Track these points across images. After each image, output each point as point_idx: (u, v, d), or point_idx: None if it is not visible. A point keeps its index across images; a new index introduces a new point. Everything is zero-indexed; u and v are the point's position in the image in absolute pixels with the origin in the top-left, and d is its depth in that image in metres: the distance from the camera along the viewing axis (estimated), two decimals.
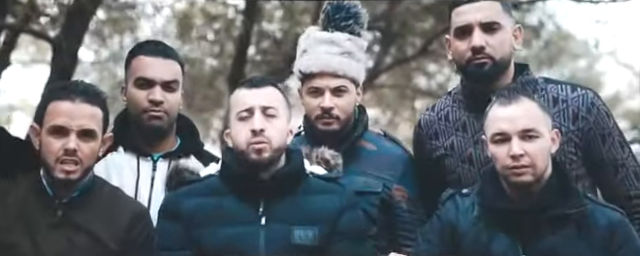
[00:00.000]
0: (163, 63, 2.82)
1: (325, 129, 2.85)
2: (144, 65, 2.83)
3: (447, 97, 3.02)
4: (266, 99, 2.51)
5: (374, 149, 2.92)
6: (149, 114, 2.81)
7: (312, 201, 2.51)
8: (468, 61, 2.76)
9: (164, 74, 2.81)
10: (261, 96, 2.51)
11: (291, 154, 2.57)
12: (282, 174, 2.49)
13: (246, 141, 2.46)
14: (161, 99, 2.80)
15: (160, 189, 2.76)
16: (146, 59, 2.83)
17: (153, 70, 2.81)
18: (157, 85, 2.81)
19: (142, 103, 2.81)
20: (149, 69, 2.82)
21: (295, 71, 2.95)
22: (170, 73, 2.83)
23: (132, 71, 2.86)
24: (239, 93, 2.56)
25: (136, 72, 2.84)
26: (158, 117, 2.81)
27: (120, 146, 2.84)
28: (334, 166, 2.70)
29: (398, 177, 2.89)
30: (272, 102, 2.52)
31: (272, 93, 2.55)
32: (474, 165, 2.85)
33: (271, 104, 2.51)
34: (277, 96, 2.56)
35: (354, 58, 2.92)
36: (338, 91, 2.87)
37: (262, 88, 2.54)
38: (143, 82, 2.82)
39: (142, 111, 2.82)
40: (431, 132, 2.96)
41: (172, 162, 2.78)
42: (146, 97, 2.81)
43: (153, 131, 2.84)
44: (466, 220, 2.62)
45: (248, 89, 2.54)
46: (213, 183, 2.54)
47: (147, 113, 2.81)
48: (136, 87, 2.84)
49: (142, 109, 2.81)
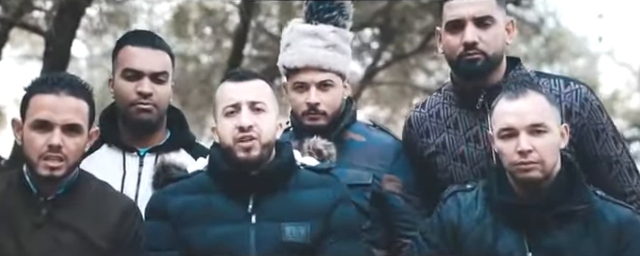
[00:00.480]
0: (152, 54, 2.74)
1: (312, 125, 2.80)
2: (132, 56, 2.75)
3: (437, 94, 2.96)
4: (253, 93, 2.45)
5: (363, 140, 2.87)
6: (137, 107, 2.73)
7: (303, 196, 2.45)
8: (460, 56, 2.71)
9: (153, 65, 2.74)
10: (248, 90, 2.45)
11: (280, 148, 2.52)
12: (271, 169, 2.43)
13: (233, 138, 2.40)
14: (150, 91, 2.72)
15: (148, 185, 2.69)
16: (134, 49, 2.75)
17: (141, 61, 2.73)
18: (146, 76, 2.73)
19: (130, 95, 2.73)
20: (137, 60, 2.74)
21: (279, 66, 2.90)
22: (159, 64, 2.75)
23: (119, 62, 2.78)
24: (225, 87, 2.49)
25: (123, 63, 2.76)
26: (147, 110, 2.73)
27: (104, 144, 2.76)
28: (327, 156, 2.64)
29: (389, 166, 2.82)
30: (260, 96, 2.45)
31: (259, 86, 2.49)
32: (466, 163, 2.80)
33: (259, 98, 2.44)
34: (265, 90, 2.50)
35: (339, 51, 2.86)
36: (324, 86, 2.81)
37: (249, 81, 2.48)
38: (131, 73, 2.74)
39: (130, 104, 2.74)
40: (422, 130, 2.91)
41: (159, 156, 2.71)
42: (134, 89, 2.73)
43: (141, 125, 2.77)
44: (469, 218, 2.56)
45: (234, 83, 2.48)
46: (201, 180, 2.49)
47: (135, 106, 2.73)
48: (124, 79, 2.76)
49: (130, 102, 2.74)
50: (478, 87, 2.73)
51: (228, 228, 2.37)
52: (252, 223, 2.38)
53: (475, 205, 2.56)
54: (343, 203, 2.50)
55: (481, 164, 2.77)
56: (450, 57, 2.76)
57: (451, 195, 2.63)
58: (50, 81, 2.49)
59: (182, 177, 2.51)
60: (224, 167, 2.42)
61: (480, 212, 2.55)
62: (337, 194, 2.49)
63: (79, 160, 2.52)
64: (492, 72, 2.74)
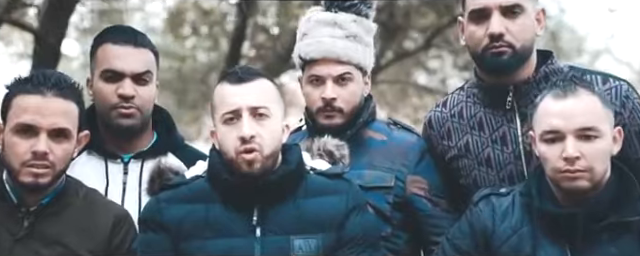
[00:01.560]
0: (134, 52, 2.58)
1: (327, 123, 2.62)
2: (112, 55, 2.59)
3: (460, 92, 2.77)
4: (255, 97, 2.27)
5: (384, 139, 2.69)
6: (119, 111, 2.57)
7: (313, 205, 2.28)
8: (485, 49, 2.51)
9: (135, 65, 2.58)
10: (249, 94, 2.27)
11: (287, 151, 2.35)
12: (277, 177, 2.27)
13: (234, 149, 2.24)
14: (132, 93, 2.57)
15: (134, 195, 2.55)
16: (114, 48, 2.58)
17: (122, 61, 2.57)
18: (127, 78, 2.57)
19: (110, 98, 2.57)
20: (117, 60, 2.58)
21: (294, 57, 2.71)
22: (142, 63, 2.59)
23: (98, 62, 2.62)
24: (223, 90, 2.31)
25: (103, 63, 2.60)
26: (129, 114, 2.58)
27: (83, 151, 2.58)
28: (339, 158, 2.48)
29: (413, 166, 2.65)
30: (262, 100, 2.28)
31: (261, 88, 2.31)
32: (492, 167, 2.61)
33: (261, 103, 2.27)
34: (267, 91, 2.31)
35: (360, 42, 2.68)
36: (342, 79, 2.63)
37: (250, 83, 2.29)
38: (111, 74, 2.58)
39: (111, 108, 2.58)
40: (443, 131, 2.72)
41: (145, 162, 2.56)
42: (115, 91, 2.57)
43: (124, 131, 2.61)
44: (505, 224, 2.37)
45: (233, 85, 2.29)
46: (200, 187, 2.32)
47: (116, 110, 2.57)
48: (103, 80, 2.59)
49: (111, 105, 2.58)
50: (505, 84, 2.54)
51: (230, 242, 2.23)
52: (257, 237, 2.24)
53: (511, 211, 2.38)
54: (358, 211, 2.34)
55: (509, 168, 2.59)
56: (474, 50, 2.56)
57: (483, 198, 2.44)
58: (35, 80, 2.32)
59: (179, 183, 2.35)
60: (225, 175, 2.27)
61: (517, 219, 2.36)
62: (351, 201, 2.33)
63: (66, 168, 2.35)
64: (521, 67, 2.55)
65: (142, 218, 2.34)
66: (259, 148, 2.23)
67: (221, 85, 2.32)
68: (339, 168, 2.42)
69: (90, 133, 2.46)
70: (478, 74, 2.66)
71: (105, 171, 2.60)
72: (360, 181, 2.50)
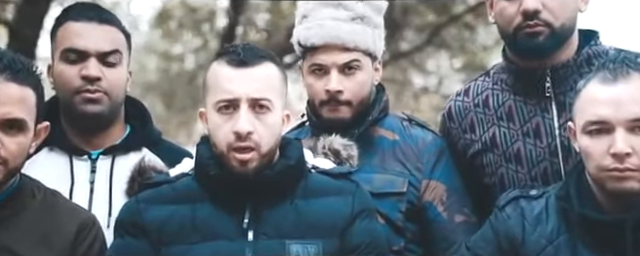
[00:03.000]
0: (98, 29, 2.40)
1: (332, 118, 2.43)
2: (74, 33, 2.40)
3: (484, 78, 2.54)
4: (257, 86, 2.08)
5: (396, 138, 2.49)
6: (83, 96, 2.38)
7: (314, 206, 2.13)
8: (517, 28, 2.31)
9: (100, 43, 2.40)
10: (251, 82, 2.08)
11: (286, 146, 2.19)
12: (273, 173, 2.10)
13: (228, 144, 2.08)
14: (97, 75, 2.37)
15: (103, 197, 2.37)
16: (76, 26, 2.40)
17: (85, 39, 2.39)
18: (92, 57, 2.39)
19: (73, 81, 2.38)
20: (80, 38, 2.39)
21: (293, 43, 2.51)
22: (108, 41, 2.41)
23: (59, 42, 2.43)
24: (220, 71, 2.11)
25: (63, 43, 2.41)
26: (95, 99, 2.38)
27: (44, 147, 2.40)
28: (346, 158, 2.29)
29: (428, 170, 2.45)
30: (265, 90, 2.09)
31: (266, 75, 2.12)
32: (523, 164, 2.40)
33: (263, 94, 2.08)
34: (272, 79, 2.13)
35: (369, 24, 2.46)
36: (348, 68, 2.42)
37: (253, 68, 2.10)
38: (73, 55, 2.39)
39: (74, 92, 2.39)
40: (465, 123, 2.51)
41: (116, 159, 2.40)
42: (78, 73, 2.38)
43: (90, 119, 2.40)
44: (537, 233, 2.15)
45: (233, 69, 2.10)
46: (185, 185, 2.17)
47: (80, 94, 2.38)
48: (65, 62, 2.40)
49: (74, 89, 2.38)
50: (541, 68, 2.33)
51: (218, 247, 2.09)
52: (249, 241, 2.09)
53: (545, 218, 2.16)
54: (365, 215, 2.16)
55: (542, 166, 2.37)
56: (504, 29, 2.36)
57: (511, 202, 2.22)
58: None
59: (162, 181, 2.19)
60: (214, 170, 2.10)
61: (553, 227, 2.14)
62: (357, 204, 2.15)
63: (21, 164, 2.13)
64: (559, 48, 2.33)
65: (118, 221, 2.18)
66: (255, 146, 2.08)
67: (219, 64, 2.12)
68: (345, 167, 2.26)
69: (52, 126, 2.28)
70: (508, 57, 2.44)
71: (69, 169, 2.41)
72: (369, 186, 2.31)
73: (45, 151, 2.41)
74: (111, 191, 2.38)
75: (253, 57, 2.11)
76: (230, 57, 2.11)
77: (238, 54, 2.10)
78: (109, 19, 2.43)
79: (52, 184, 2.28)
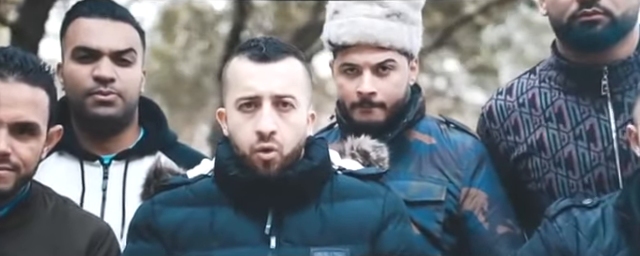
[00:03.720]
0: (112, 26, 2.33)
1: (365, 120, 2.32)
2: (85, 30, 2.33)
3: (530, 75, 2.40)
4: (281, 83, 2.00)
5: (433, 142, 2.39)
6: (95, 98, 2.31)
7: (341, 210, 2.03)
8: (572, 17, 2.17)
9: (114, 41, 2.32)
10: (274, 78, 2.00)
11: (311, 145, 2.10)
12: (297, 174, 2.01)
13: (250, 145, 2.00)
14: (111, 75, 2.30)
15: (116, 204, 2.30)
16: (88, 22, 2.32)
17: (97, 37, 2.32)
18: (105, 56, 2.31)
19: (85, 82, 2.31)
20: (92, 36, 2.32)
21: (323, 40, 2.42)
22: (123, 40, 2.34)
23: (69, 40, 2.35)
24: (241, 67, 2.03)
25: (74, 41, 2.33)
26: (108, 102, 2.31)
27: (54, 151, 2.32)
28: (376, 160, 2.18)
29: (469, 177, 2.34)
30: (289, 87, 2.01)
31: (290, 71, 2.03)
32: (575, 170, 2.26)
33: (288, 91, 2.00)
34: (296, 75, 2.04)
35: (406, 21, 2.36)
36: (382, 69, 2.32)
37: (276, 63, 2.01)
38: (85, 53, 2.32)
39: (86, 94, 2.32)
40: (508, 124, 2.38)
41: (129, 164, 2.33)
42: (90, 74, 2.31)
43: (102, 122, 2.33)
44: (594, 247, 2.03)
45: (255, 64, 2.02)
46: (204, 187, 2.09)
47: (92, 96, 2.31)
48: (76, 61, 2.33)
49: (85, 91, 2.32)
50: (597, 64, 2.20)
51: (239, 254, 2.01)
52: (271, 248, 2.01)
53: (602, 230, 2.04)
54: (398, 219, 2.06)
55: (597, 172, 2.24)
56: (558, 19, 2.21)
57: (563, 212, 2.10)
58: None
59: (179, 183, 2.11)
60: (234, 171, 2.03)
61: (612, 240, 2.02)
62: (388, 207, 2.05)
63: (33, 171, 2.04)
64: (619, 42, 2.20)
65: (132, 224, 2.11)
66: (278, 147, 1.99)
67: (239, 59, 2.04)
68: (375, 169, 2.14)
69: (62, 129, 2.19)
70: (559, 51, 2.29)
71: (81, 175, 2.34)
72: (404, 194, 2.21)
73: (54, 156, 2.33)
74: (124, 198, 2.31)
75: (276, 52, 2.02)
76: (251, 52, 2.02)
77: (260, 49, 2.01)
78: (123, 15, 2.36)
79: (62, 191, 2.19)
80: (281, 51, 2.01)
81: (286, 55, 2.01)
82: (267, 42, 2.02)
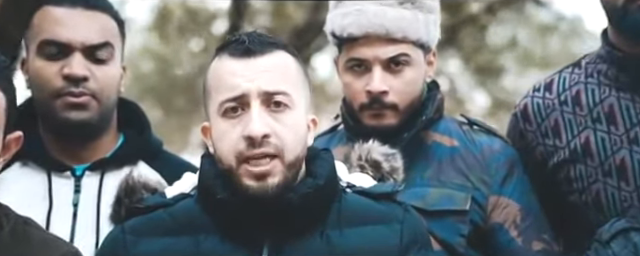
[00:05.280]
0: (85, 16, 2.17)
1: (375, 125, 2.17)
2: (54, 21, 2.16)
3: (574, 69, 2.21)
4: (270, 78, 1.80)
5: (455, 145, 2.24)
6: (65, 99, 2.16)
7: (351, 238, 1.83)
8: (630, 0, 1.99)
9: (87, 34, 2.17)
10: (262, 73, 1.80)
11: (313, 159, 1.89)
12: (299, 197, 1.80)
13: (237, 154, 1.78)
14: (83, 73, 2.14)
15: (89, 223, 2.15)
16: (57, 11, 2.16)
17: (69, 28, 2.16)
18: (76, 51, 2.15)
19: (53, 82, 2.16)
20: (61, 27, 2.16)
21: (327, 33, 2.28)
22: (98, 32, 2.18)
23: (35, 32, 2.19)
24: (222, 66, 1.83)
25: (41, 32, 2.17)
26: (80, 104, 2.15)
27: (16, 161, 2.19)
28: (389, 172, 2.01)
29: (497, 184, 2.18)
30: (279, 82, 1.80)
31: (280, 65, 1.82)
32: (628, 180, 2.07)
33: (279, 87, 1.79)
34: (288, 70, 1.84)
35: (422, 8, 2.21)
36: (394, 64, 2.17)
37: (262, 56, 1.81)
38: (53, 48, 2.16)
39: (54, 95, 2.16)
40: (546, 125, 2.19)
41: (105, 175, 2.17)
42: (59, 72, 2.16)
43: (74, 127, 2.17)
44: None
45: (238, 60, 1.81)
46: (185, 211, 1.88)
47: (62, 98, 2.16)
48: (43, 57, 2.17)
49: (54, 92, 2.16)
50: None
51: None
52: None
53: None
54: (418, 247, 1.88)
55: None
56: (610, 2, 2.03)
57: (619, 235, 1.94)
58: None
59: (156, 205, 1.91)
60: (221, 193, 1.82)
61: None
62: (407, 234, 1.86)
63: None
64: None
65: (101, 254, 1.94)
66: (276, 152, 1.76)
67: (219, 59, 1.83)
68: (390, 186, 1.94)
69: (25, 134, 2.03)
70: (612, 41, 2.11)
71: (48, 188, 2.18)
72: (421, 203, 2.08)
73: (17, 166, 2.18)
74: (99, 216, 2.14)
75: (261, 45, 1.81)
76: (233, 48, 1.82)
77: (242, 42, 1.80)
78: (98, 3, 2.20)
79: (25, 208, 2.01)
80: (268, 43, 1.81)
81: (274, 48, 1.80)
82: (250, 35, 1.81)
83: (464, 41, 10.42)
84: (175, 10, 10.98)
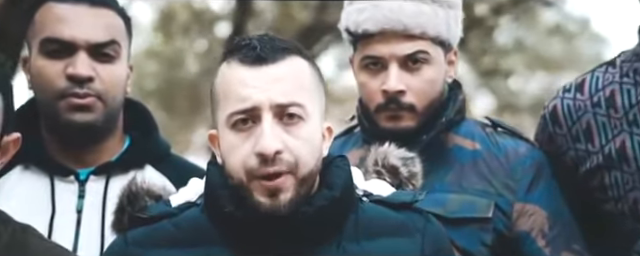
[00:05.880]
0: (90, 13, 2.12)
1: (392, 127, 2.11)
2: (57, 17, 2.11)
3: (607, 68, 2.11)
4: (284, 89, 1.72)
5: (477, 148, 2.17)
6: (69, 101, 2.10)
7: (369, 250, 1.77)
8: None
9: (92, 32, 2.11)
10: (274, 83, 1.72)
11: (329, 168, 1.80)
12: (313, 210, 1.73)
13: (248, 171, 1.71)
14: (88, 73, 2.09)
15: (93, 230, 2.10)
16: (60, 8, 2.11)
17: (72, 26, 2.10)
18: (81, 50, 2.09)
19: (56, 82, 2.10)
20: (65, 24, 2.10)
21: (341, 29, 2.21)
22: (103, 29, 2.12)
23: (37, 29, 2.13)
24: (232, 73, 1.74)
25: (43, 30, 2.11)
26: (85, 106, 2.10)
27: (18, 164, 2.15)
28: (407, 178, 1.92)
29: (523, 190, 2.11)
30: (295, 94, 1.72)
31: (294, 73, 1.74)
32: None
33: (292, 98, 1.71)
34: (302, 78, 1.75)
35: (442, 3, 2.13)
36: (412, 62, 2.10)
37: (275, 64, 1.72)
38: (56, 46, 2.10)
39: (58, 96, 2.11)
40: (578, 128, 2.10)
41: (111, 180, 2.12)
42: (63, 71, 2.09)
43: (78, 130, 2.12)
44: None
45: (249, 68, 1.72)
46: (191, 221, 1.81)
47: (66, 99, 2.10)
48: (45, 55, 2.11)
49: (58, 92, 2.10)
50: None
51: None
52: None
53: None
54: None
55: None
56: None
57: None
58: None
59: (160, 215, 1.84)
60: (229, 207, 1.75)
61: None
62: (429, 244, 1.81)
63: None
64: None
65: None
66: (289, 169, 1.69)
67: (229, 65, 1.74)
68: (409, 194, 1.86)
69: (29, 138, 2.00)
70: None
71: (50, 194, 2.13)
72: (441, 210, 2.01)
73: (18, 170, 2.13)
74: (104, 223, 2.07)
75: (274, 51, 1.73)
76: (243, 54, 1.72)
77: (253, 48, 1.71)
78: (103, 0, 2.16)
79: (26, 214, 1.95)
80: (281, 49, 1.71)
81: (287, 54, 1.71)
82: (262, 40, 1.70)
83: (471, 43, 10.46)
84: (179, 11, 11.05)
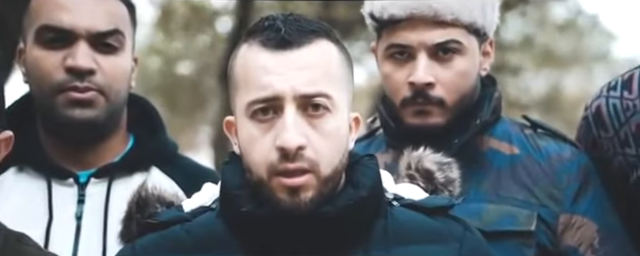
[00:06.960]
0: (91, 0, 2.04)
1: (419, 124, 2.00)
2: (54, 4, 2.02)
3: None
4: (308, 77, 1.63)
5: (516, 152, 2.06)
6: (69, 95, 2.01)
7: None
8: None
9: (93, 19, 2.01)
10: (299, 71, 1.63)
11: (355, 166, 1.73)
12: (337, 210, 1.65)
13: (269, 166, 1.64)
14: (89, 66, 1.99)
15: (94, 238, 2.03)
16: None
17: (72, 12, 2.01)
18: (81, 40, 2.00)
19: (54, 74, 2.01)
20: (64, 11, 2.00)
21: (365, 15, 2.09)
22: (105, 17, 2.03)
23: (33, 17, 2.04)
24: (253, 57, 1.65)
25: (40, 17, 2.02)
26: (86, 101, 2.01)
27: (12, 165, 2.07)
28: (443, 184, 1.82)
29: (569, 199, 2.01)
30: (321, 84, 1.63)
31: (321, 60, 1.64)
32: None
33: (319, 88, 1.62)
34: (331, 65, 1.65)
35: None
36: (443, 51, 1.98)
37: (302, 49, 1.62)
38: (54, 35, 2.01)
39: (56, 90, 2.02)
40: (626, 131, 2.00)
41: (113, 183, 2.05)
42: (61, 63, 2.00)
43: (78, 128, 2.03)
44: None
45: (273, 52, 1.63)
46: (206, 227, 1.75)
47: (65, 94, 2.01)
48: (42, 45, 2.02)
49: (55, 86, 2.01)
50: None
51: None
52: None
53: None
54: None
55: None
56: None
57: None
58: None
59: (172, 220, 1.75)
60: (246, 205, 1.67)
61: None
62: (467, 254, 1.71)
63: None
64: None
65: None
66: (311, 166, 1.61)
67: (249, 47, 1.64)
68: (445, 198, 1.77)
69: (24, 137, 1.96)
70: None
71: (47, 198, 2.04)
72: (477, 222, 1.89)
73: (12, 172, 2.04)
74: (106, 230, 2.00)
75: (300, 33, 1.63)
76: (266, 36, 1.62)
77: (278, 30, 1.61)
78: None
79: (20, 221, 1.87)
80: (307, 32, 1.62)
81: (314, 37, 1.61)
82: (286, 21, 1.60)
83: None
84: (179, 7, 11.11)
